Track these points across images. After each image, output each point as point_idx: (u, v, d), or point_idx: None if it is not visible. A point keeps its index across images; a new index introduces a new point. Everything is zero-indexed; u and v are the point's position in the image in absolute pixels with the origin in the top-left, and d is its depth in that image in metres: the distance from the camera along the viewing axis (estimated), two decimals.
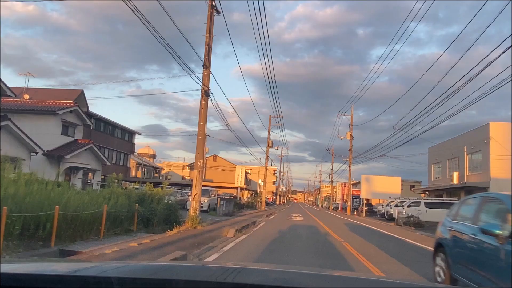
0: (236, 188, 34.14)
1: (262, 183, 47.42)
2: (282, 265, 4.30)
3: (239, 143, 66.91)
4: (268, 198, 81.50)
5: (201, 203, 24.88)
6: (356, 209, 48.16)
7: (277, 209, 45.59)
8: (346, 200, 66.21)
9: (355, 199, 63.09)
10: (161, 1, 10.66)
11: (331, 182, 68.01)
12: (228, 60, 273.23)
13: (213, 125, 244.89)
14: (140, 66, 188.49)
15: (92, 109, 51.82)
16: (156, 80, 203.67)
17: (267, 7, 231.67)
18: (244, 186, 39.80)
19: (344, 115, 44.86)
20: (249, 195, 46.03)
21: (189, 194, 26.51)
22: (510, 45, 10.74)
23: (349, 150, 44.09)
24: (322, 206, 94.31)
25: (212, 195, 26.06)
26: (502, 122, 30.05)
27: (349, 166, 44.05)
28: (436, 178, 40.72)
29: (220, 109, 37.08)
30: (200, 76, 14.66)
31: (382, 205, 35.25)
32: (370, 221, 31.49)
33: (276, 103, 75.53)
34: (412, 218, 24.93)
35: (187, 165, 71.16)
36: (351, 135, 43.98)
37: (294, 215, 30.52)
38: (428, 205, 28.65)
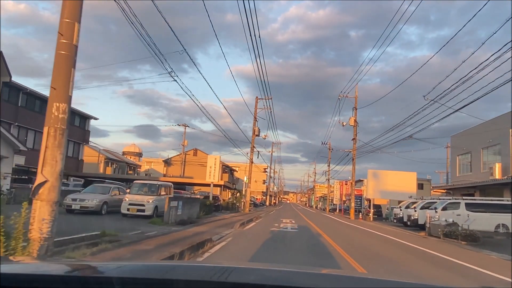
0: (209, 184, 25.67)
1: (248, 180, 39.01)
2: (281, 265, 3.91)
3: (231, 144, 58.01)
4: (256, 199, 72.90)
5: (143, 205, 16.43)
6: (359, 212, 40.04)
7: (264, 212, 37.24)
8: (345, 201, 58.28)
9: (355, 200, 55.17)
10: None
11: (328, 180, 59.81)
12: (221, 61, 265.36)
13: (205, 126, 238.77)
14: (132, 66, 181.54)
15: (84, 109, 43.73)
16: (149, 80, 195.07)
17: (260, 8, 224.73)
18: (222, 183, 31.31)
19: (347, 96, 36.66)
20: (230, 195, 37.45)
21: (127, 191, 17.95)
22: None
23: (353, 139, 35.89)
24: (316, 207, 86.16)
25: (163, 193, 17.54)
26: None
27: (352, 159, 35.86)
28: (461, 174, 32.68)
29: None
30: None
31: (400, 207, 27.11)
32: (387, 229, 23.25)
33: (264, 76, 65.68)
34: (460, 228, 16.76)
35: (163, 160, 62.48)
36: (355, 120, 35.79)
37: (284, 220, 22.18)
38: (471, 207, 20.54)
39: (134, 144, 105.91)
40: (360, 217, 34.18)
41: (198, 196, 30.18)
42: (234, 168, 75.67)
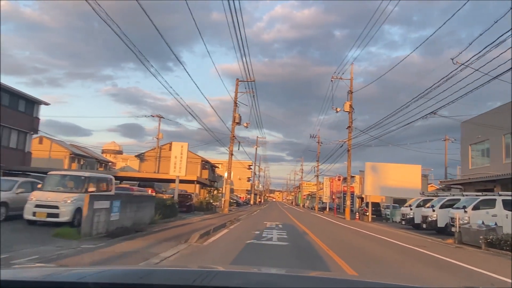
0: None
1: (227, 175, 33.73)
2: (264, 268, 3.84)
3: (218, 143, 51.76)
4: (240, 197, 67.53)
5: (56, 207, 10.99)
6: (351, 210, 35.29)
7: (246, 212, 32.10)
8: (334, 199, 53.73)
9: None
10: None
11: (317, 176, 55.01)
12: (206, 59, 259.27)
13: (191, 125, 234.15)
14: (116, 64, 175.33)
15: (67, 107, 38.81)
16: (133, 78, 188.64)
17: (245, 7, 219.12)
18: (193, 178, 25.89)
19: (341, 78, 31.75)
20: (206, 193, 32.05)
21: (39, 186, 12.50)
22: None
23: (348, 127, 31.02)
24: (303, 206, 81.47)
25: (93, 189, 12.13)
26: None
27: (348, 150, 30.97)
28: (474, 166, 28.13)
29: None
30: None
31: (410, 206, 22.28)
32: (399, 233, 18.46)
33: (244, 49, 59.09)
34: None
35: (135, 156, 56.70)
36: (350, 105, 30.94)
37: (269, 224, 17.10)
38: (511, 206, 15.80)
39: (114, 142, 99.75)
40: (357, 217, 29.38)
41: (153, 194, 24.97)
42: (216, 164, 70.02)
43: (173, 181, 34.03)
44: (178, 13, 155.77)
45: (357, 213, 30.33)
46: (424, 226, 18.99)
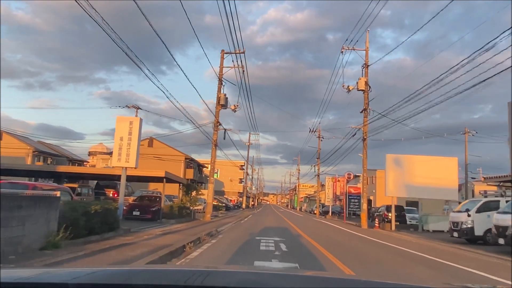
0: (119, 173, 13.48)
1: (210, 173, 26.82)
2: (252, 267, 3.77)
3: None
4: (231, 200, 60.48)
5: None
6: (353, 213, 28.67)
7: (235, 219, 25.36)
8: (343, 201, 47.17)
9: (352, 200, 44.19)
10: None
11: (318, 175, 48.33)
12: (199, 63, 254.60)
13: (184, 128, 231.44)
14: (109, 67, 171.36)
15: (59, 110, 33.70)
16: (126, 82, 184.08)
17: (239, 11, 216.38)
18: (160, 174, 18.93)
19: (354, 49, 25.14)
20: (183, 196, 25.02)
21: None
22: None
23: (364, 110, 24.41)
24: (301, 209, 74.76)
25: None
26: None
27: (363, 139, 24.32)
28: None
29: None
30: None
31: (467, 211, 15.62)
32: (467, 254, 11.92)
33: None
34: None
35: (109, 154, 49.69)
36: (366, 82, 24.40)
37: (263, 242, 10.41)
38: None
39: (102, 143, 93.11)
40: (376, 224, 22.74)
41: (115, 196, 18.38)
42: (204, 164, 62.87)
43: (156, 179, 26.60)
44: (170, 16, 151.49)
45: (376, 220, 23.68)
46: (502, 242, 12.33)
